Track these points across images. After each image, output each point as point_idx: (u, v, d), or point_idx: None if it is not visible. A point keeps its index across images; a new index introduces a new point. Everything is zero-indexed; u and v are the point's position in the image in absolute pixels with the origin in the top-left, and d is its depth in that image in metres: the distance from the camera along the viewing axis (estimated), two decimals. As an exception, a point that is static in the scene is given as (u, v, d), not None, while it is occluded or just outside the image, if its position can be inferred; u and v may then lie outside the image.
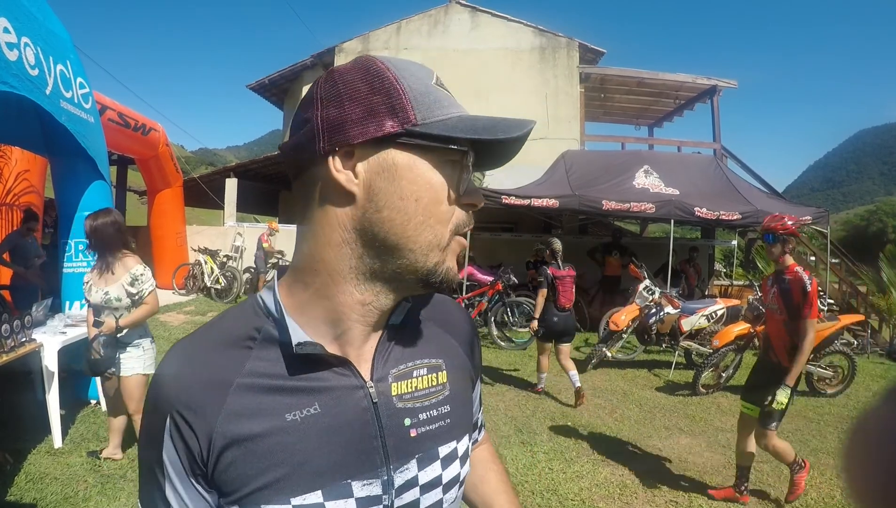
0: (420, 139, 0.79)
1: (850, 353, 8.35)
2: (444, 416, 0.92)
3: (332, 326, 0.85)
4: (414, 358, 0.92)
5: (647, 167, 12.31)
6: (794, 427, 6.60)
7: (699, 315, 8.99)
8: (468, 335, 1.06)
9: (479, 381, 1.11)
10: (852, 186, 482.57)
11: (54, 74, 5.06)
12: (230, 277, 14.25)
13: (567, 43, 16.35)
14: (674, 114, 19.46)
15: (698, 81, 16.32)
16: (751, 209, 11.45)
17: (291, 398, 0.81)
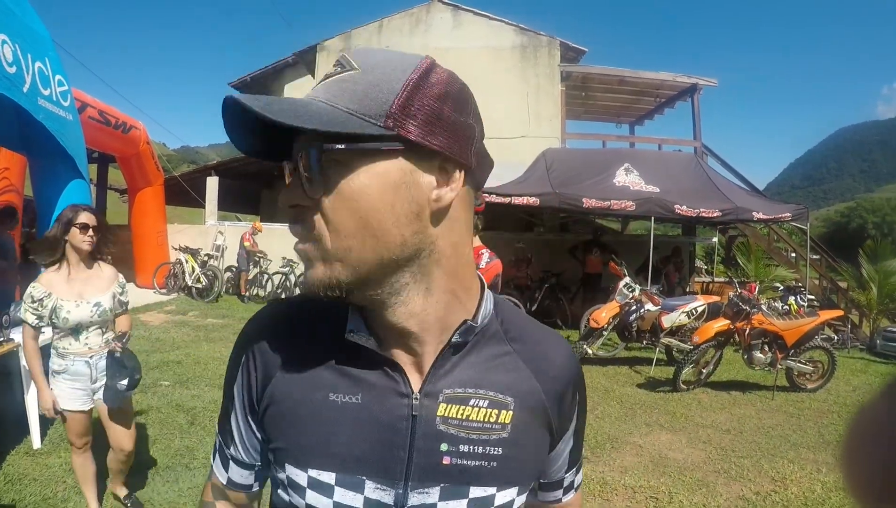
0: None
1: (829, 348, 8.43)
2: (491, 457, 0.86)
3: (381, 327, 0.85)
4: (477, 386, 0.87)
5: (627, 165, 12.36)
6: (775, 423, 6.68)
7: (679, 312, 9.04)
8: (561, 385, 0.93)
9: (569, 439, 0.99)
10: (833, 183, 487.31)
11: (32, 72, 5.02)
12: (211, 276, 14.16)
13: (548, 42, 16.41)
14: (655, 112, 19.57)
15: (679, 79, 16.43)
16: (731, 207, 11.55)
17: (340, 380, 0.85)
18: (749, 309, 7.86)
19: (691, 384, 7.89)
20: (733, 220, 12.88)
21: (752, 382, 8.47)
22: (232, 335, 9.27)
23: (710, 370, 8.06)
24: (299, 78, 20.93)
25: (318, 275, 0.77)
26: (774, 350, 7.92)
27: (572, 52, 17.16)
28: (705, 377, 8.02)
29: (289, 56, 18.98)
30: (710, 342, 7.81)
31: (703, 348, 7.81)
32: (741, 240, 17.08)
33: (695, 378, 7.96)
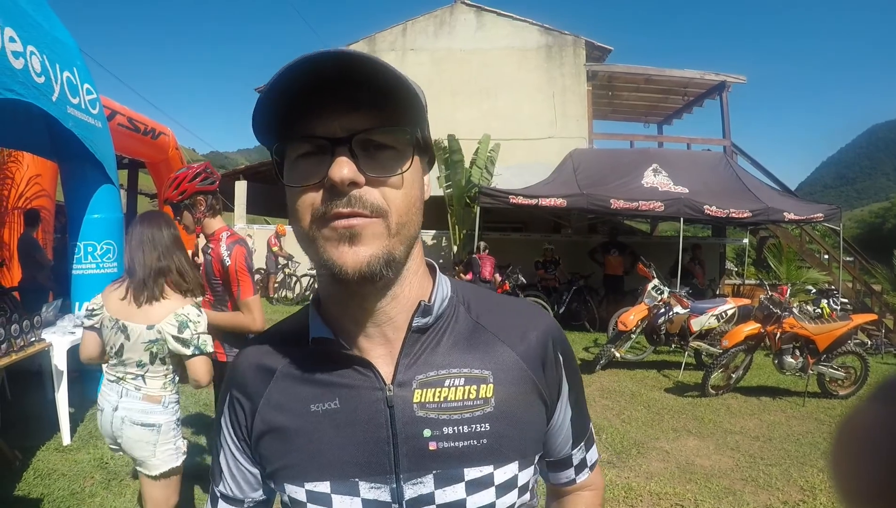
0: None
1: (862, 353, 8.22)
2: (479, 435, 0.86)
3: (353, 321, 0.88)
4: (449, 366, 0.88)
5: (655, 165, 12.29)
6: (806, 430, 6.54)
7: (709, 315, 8.92)
8: (539, 351, 0.93)
9: (566, 407, 0.99)
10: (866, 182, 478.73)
11: (61, 81, 5.14)
12: (257, 278, 14.32)
13: (573, 41, 16.31)
14: (683, 111, 19.37)
15: (706, 76, 16.22)
16: (761, 207, 11.37)
17: (317, 389, 0.87)
18: (780, 312, 7.70)
19: (720, 389, 7.76)
20: (764, 221, 12.67)
21: (783, 387, 8.30)
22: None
23: (740, 374, 7.90)
24: None
25: (374, 251, 0.78)
26: (806, 355, 7.73)
27: (598, 52, 17.06)
28: (735, 382, 7.87)
29: (314, 61, 19.23)
30: (740, 345, 7.66)
31: (733, 352, 7.66)
32: (772, 241, 16.87)
33: (724, 383, 7.82)
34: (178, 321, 2.69)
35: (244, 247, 3.27)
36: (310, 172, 0.79)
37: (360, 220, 0.77)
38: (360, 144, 0.77)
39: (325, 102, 0.77)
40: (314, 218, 0.79)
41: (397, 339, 0.88)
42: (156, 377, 2.76)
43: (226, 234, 3.30)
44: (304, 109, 0.78)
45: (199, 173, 3.30)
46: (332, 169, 0.75)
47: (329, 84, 0.75)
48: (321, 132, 0.77)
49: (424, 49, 16.48)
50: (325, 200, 0.78)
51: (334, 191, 0.77)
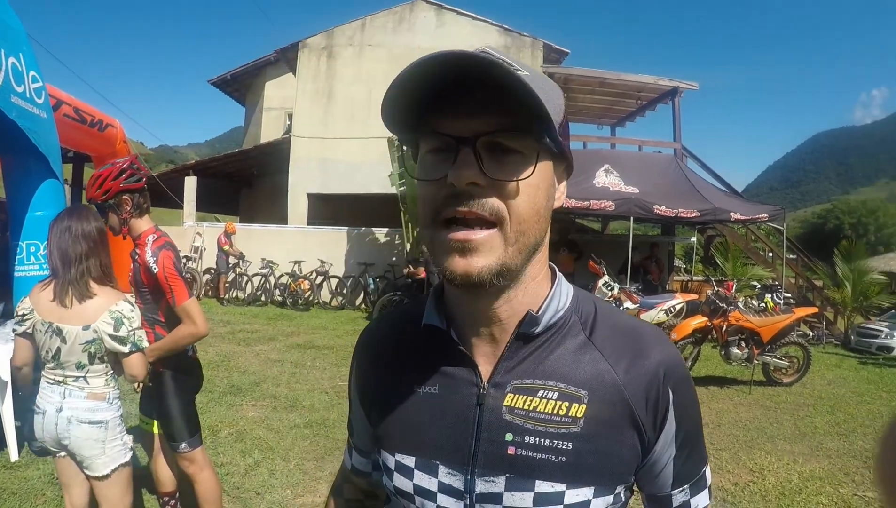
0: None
1: (805, 344, 8.63)
2: (558, 452, 0.85)
3: (465, 316, 0.93)
4: (546, 378, 0.88)
5: (607, 166, 12.46)
6: (752, 416, 6.82)
7: (658, 310, 9.15)
8: (646, 381, 0.89)
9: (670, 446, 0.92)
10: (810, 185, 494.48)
11: (5, 68, 4.91)
12: (190, 279, 13.88)
13: (532, 43, 16.49)
14: (636, 114, 19.64)
15: (660, 82, 16.49)
16: (709, 207, 11.71)
17: (423, 373, 0.94)
18: (726, 307, 7.99)
19: (670, 381, 7.92)
20: (711, 220, 13.03)
21: (730, 377, 8.61)
22: (211, 339, 9.26)
23: (689, 365, 8.10)
24: (280, 76, 20.87)
25: (487, 262, 0.80)
26: (751, 346, 8.07)
27: (555, 54, 17.25)
28: (684, 374, 8.05)
29: (270, 53, 18.92)
30: (688, 338, 7.95)
31: (682, 344, 7.92)
32: (719, 240, 17.29)
33: (673, 375, 7.98)
34: (114, 319, 2.62)
35: (171, 251, 3.06)
36: (434, 169, 0.81)
37: (477, 233, 0.79)
38: (485, 145, 0.78)
39: (458, 101, 0.78)
40: (434, 215, 0.82)
41: (503, 341, 0.90)
42: (97, 375, 2.68)
43: (152, 238, 3.06)
44: (438, 104, 0.79)
45: (123, 170, 3.04)
46: (453, 168, 0.77)
47: (464, 84, 0.77)
48: (449, 130, 0.79)
49: (383, 45, 16.43)
50: (445, 198, 0.79)
51: (454, 190, 0.78)
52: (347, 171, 16.09)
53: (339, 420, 5.82)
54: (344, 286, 14.84)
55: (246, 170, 19.73)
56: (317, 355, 8.88)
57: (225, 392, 6.54)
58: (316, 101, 16.57)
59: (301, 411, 6.13)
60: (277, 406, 6.22)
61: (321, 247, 15.21)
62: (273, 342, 9.70)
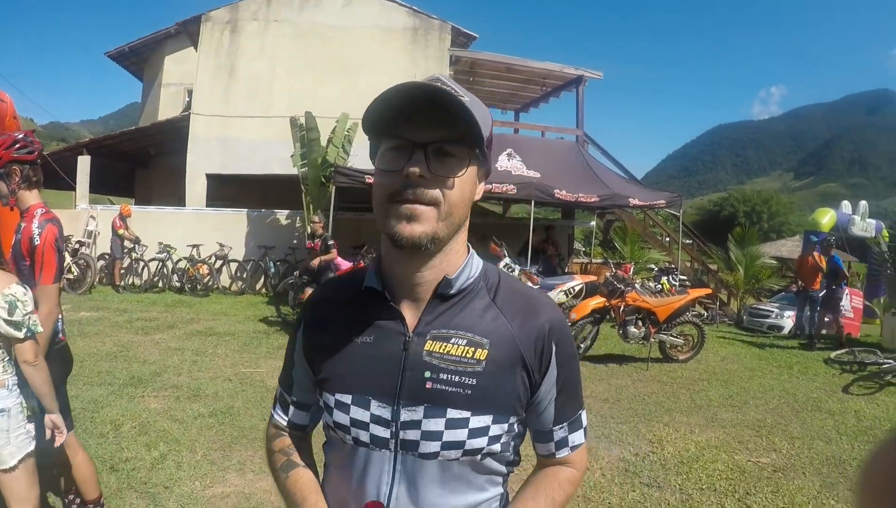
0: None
1: (699, 323, 9.09)
2: (466, 386, 1.09)
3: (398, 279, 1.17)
4: (458, 328, 1.13)
5: (510, 151, 12.64)
6: (650, 391, 7.13)
7: (558, 291, 9.42)
8: (535, 334, 1.15)
9: (552, 388, 1.18)
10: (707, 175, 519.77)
11: None
12: (83, 265, 13.15)
13: (440, 25, 16.40)
14: (540, 100, 20.04)
15: (566, 70, 16.87)
16: (608, 193, 12.12)
17: (362, 327, 1.17)
18: (623, 288, 8.29)
19: (571, 359, 8.15)
20: (610, 205, 13.47)
21: (629, 355, 8.93)
22: (108, 329, 8.99)
23: (588, 344, 8.45)
24: (181, 50, 19.97)
25: (425, 229, 1.05)
26: (648, 325, 8.41)
27: (463, 38, 17.28)
28: (584, 352, 8.37)
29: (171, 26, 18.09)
30: (587, 318, 8.21)
31: (581, 324, 8.18)
32: (618, 224, 17.88)
33: (573, 353, 8.22)
34: (7, 303, 2.47)
35: (57, 226, 3.05)
36: (394, 163, 1.06)
37: (420, 206, 1.05)
38: (433, 150, 1.05)
39: (417, 116, 1.04)
40: (390, 196, 1.06)
41: (425, 300, 1.15)
42: None
43: (40, 211, 3.05)
44: (403, 116, 1.05)
45: (17, 141, 3.03)
46: (409, 165, 1.03)
47: (423, 103, 1.02)
48: (409, 136, 1.05)
49: (289, 21, 15.95)
50: (399, 185, 1.05)
51: (407, 181, 1.04)
52: (248, 150, 15.53)
53: (243, 408, 5.71)
54: (244, 270, 14.43)
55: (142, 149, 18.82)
56: (218, 342, 8.64)
57: (125, 384, 6.27)
58: (217, 77, 15.91)
59: (205, 400, 5.95)
60: (180, 396, 6.01)
61: (220, 230, 14.71)
62: (172, 329, 9.36)
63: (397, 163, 1.05)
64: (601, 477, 4.60)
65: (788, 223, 65.01)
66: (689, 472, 4.76)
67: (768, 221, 68.30)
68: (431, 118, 1.04)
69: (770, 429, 5.96)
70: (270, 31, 15.88)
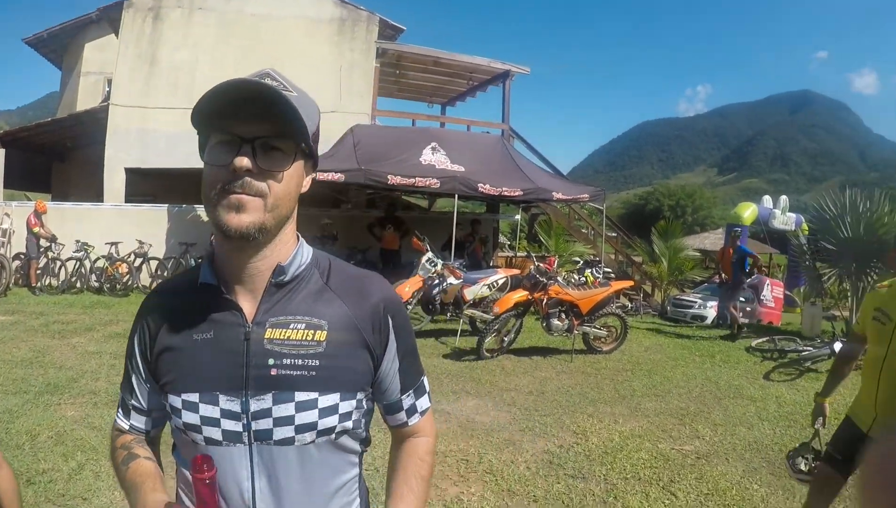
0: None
1: (622, 314, 9.34)
2: (309, 368, 1.14)
3: (232, 273, 1.18)
4: (296, 313, 1.17)
5: (434, 144, 12.62)
6: (574, 383, 7.24)
7: (481, 285, 9.48)
8: (371, 312, 1.22)
9: (394, 359, 1.27)
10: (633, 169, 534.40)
11: None
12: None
13: (367, 17, 16.22)
14: (467, 94, 20.14)
15: (493, 64, 17.00)
16: (532, 187, 12.26)
17: (200, 323, 1.17)
18: (546, 281, 8.40)
19: (495, 352, 8.28)
20: (534, 199, 13.66)
21: (553, 347, 9.02)
22: (24, 334, 8.63)
23: (512, 337, 8.52)
24: (102, 37, 19.14)
25: (253, 219, 1.08)
26: (571, 318, 8.53)
27: (390, 30, 17.18)
28: (508, 345, 8.45)
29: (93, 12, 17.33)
30: (511, 311, 8.26)
31: (504, 317, 8.23)
32: (543, 218, 18.08)
33: (498, 346, 8.35)
34: None
35: None
36: (222, 157, 1.08)
37: (247, 197, 1.08)
38: (259, 144, 1.08)
39: (244, 111, 1.07)
40: (218, 189, 1.08)
41: (261, 289, 1.18)
42: None
43: None
44: (231, 111, 1.07)
45: None
46: (236, 159, 1.06)
47: (250, 99, 1.06)
48: (237, 131, 1.08)
49: (214, 10, 15.42)
50: (227, 178, 1.07)
51: (235, 174, 1.07)
52: (169, 144, 14.92)
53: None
54: (165, 268, 13.84)
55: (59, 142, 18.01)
56: (137, 344, 8.34)
57: (41, 392, 5.98)
58: (138, 66, 15.24)
59: (124, 405, 5.75)
60: (98, 403, 5.76)
61: (140, 226, 14.12)
62: (90, 332, 8.97)
63: (225, 157, 1.08)
64: (526, 470, 4.64)
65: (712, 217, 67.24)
66: (614, 462, 4.84)
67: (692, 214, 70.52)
68: (258, 114, 1.07)
69: (693, 417, 6.12)
70: (194, 19, 15.35)
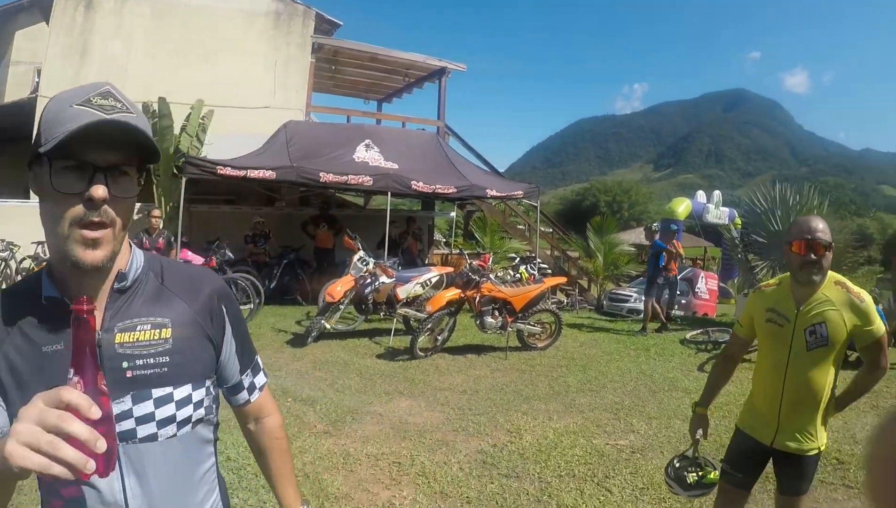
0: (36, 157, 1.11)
1: (555, 310, 9.35)
2: (161, 364, 1.19)
3: (76, 285, 1.16)
4: (140, 315, 1.21)
5: (368, 141, 12.53)
6: (509, 380, 7.21)
7: (414, 283, 9.41)
8: (206, 304, 1.30)
9: (231, 342, 1.36)
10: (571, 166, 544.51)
11: None
12: None
13: (304, 11, 15.98)
14: (403, 91, 20.09)
15: (429, 61, 16.98)
16: (466, 184, 12.31)
17: (48, 335, 1.16)
18: (479, 278, 8.39)
19: (429, 351, 8.22)
20: (469, 196, 13.71)
21: (487, 345, 9.01)
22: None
23: (446, 336, 8.48)
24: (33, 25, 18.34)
25: (106, 251, 1.11)
26: (504, 315, 8.50)
27: (327, 25, 16.98)
28: (441, 344, 8.40)
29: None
30: (444, 310, 8.20)
31: (437, 316, 8.17)
32: (478, 215, 18.16)
33: (432, 345, 8.30)
34: None
35: None
36: (74, 184, 1.07)
37: (102, 232, 1.09)
38: (112, 172, 1.09)
39: (96, 139, 1.05)
40: (73, 220, 1.08)
41: (105, 297, 1.20)
42: None
43: None
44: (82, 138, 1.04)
45: None
46: (94, 188, 1.06)
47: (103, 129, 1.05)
48: (88, 158, 1.07)
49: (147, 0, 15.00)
50: (81, 209, 1.07)
51: (92, 204, 1.07)
52: (98, 138, 14.53)
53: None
54: (94, 268, 13.45)
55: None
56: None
57: None
58: (69, 56, 14.50)
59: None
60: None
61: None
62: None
63: (78, 185, 1.07)
64: (459, 471, 4.58)
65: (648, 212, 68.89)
66: (548, 460, 4.82)
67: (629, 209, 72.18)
68: (113, 141, 1.08)
69: (628, 411, 6.15)
70: (128, 9, 14.74)
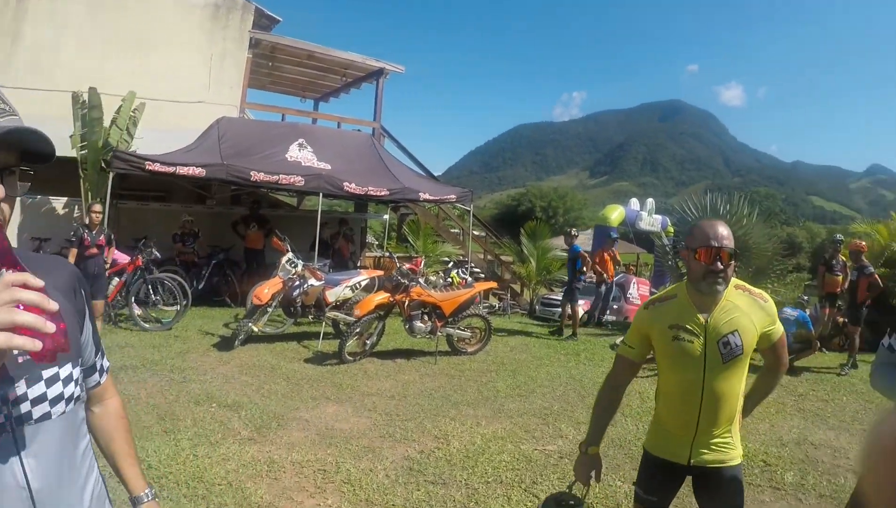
0: None
1: (485, 315, 9.42)
2: None
3: None
4: None
5: (302, 141, 12.36)
6: (438, 385, 7.20)
7: (344, 286, 9.34)
8: (68, 285, 1.34)
9: (90, 325, 1.41)
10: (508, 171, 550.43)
11: None
12: None
13: (243, 5, 15.66)
14: (341, 91, 19.99)
15: (368, 61, 16.95)
16: (399, 186, 12.25)
17: None
18: (408, 282, 8.33)
19: (357, 355, 8.14)
20: (401, 199, 13.65)
21: (417, 349, 8.97)
22: None
23: (375, 340, 8.42)
24: None
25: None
26: (434, 319, 8.51)
27: (266, 20, 16.66)
28: (370, 348, 8.33)
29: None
30: (372, 314, 8.15)
31: (366, 320, 8.11)
32: (411, 218, 18.15)
33: (360, 349, 8.22)
34: None
35: None
36: None
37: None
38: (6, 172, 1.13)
39: None
40: None
41: None
42: None
43: None
44: None
45: None
46: None
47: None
48: None
49: (83, -15, 14.38)
50: None
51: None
52: (24, 128, 13.85)
53: None
54: (16, 265, 12.88)
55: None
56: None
57: None
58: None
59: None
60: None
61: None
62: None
63: None
64: (385, 478, 4.53)
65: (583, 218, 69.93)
66: (475, 466, 4.81)
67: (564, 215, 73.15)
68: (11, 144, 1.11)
69: (556, 416, 6.20)
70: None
